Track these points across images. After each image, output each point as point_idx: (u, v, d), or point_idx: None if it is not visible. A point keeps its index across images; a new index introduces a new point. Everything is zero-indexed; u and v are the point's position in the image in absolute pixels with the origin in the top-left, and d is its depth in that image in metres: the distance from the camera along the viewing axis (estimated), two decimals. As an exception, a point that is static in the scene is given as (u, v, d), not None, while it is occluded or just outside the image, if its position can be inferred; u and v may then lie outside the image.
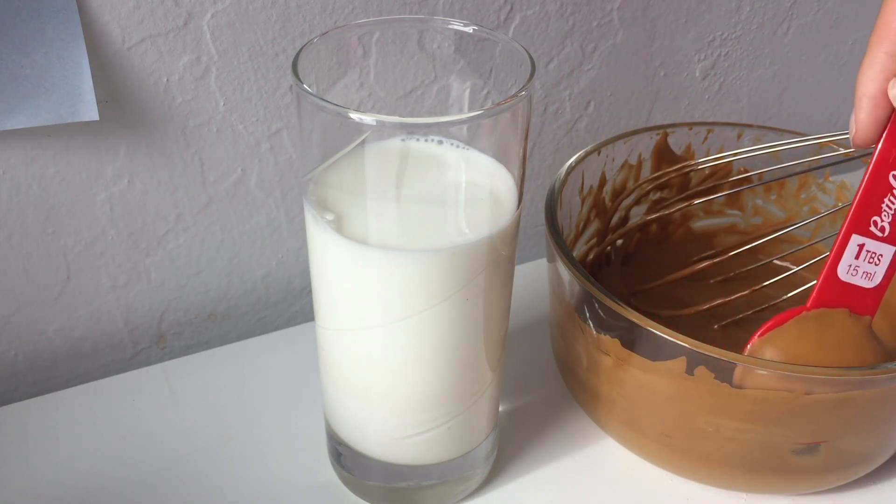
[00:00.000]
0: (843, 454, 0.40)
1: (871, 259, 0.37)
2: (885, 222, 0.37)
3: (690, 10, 0.57)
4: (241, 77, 0.46)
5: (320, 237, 0.34)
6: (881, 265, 0.37)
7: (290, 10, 0.45)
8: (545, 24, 0.52)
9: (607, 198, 0.51)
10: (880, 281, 0.37)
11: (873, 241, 0.37)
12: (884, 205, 0.36)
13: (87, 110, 0.42)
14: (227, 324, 0.54)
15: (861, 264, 0.37)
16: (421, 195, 0.35)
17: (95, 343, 0.51)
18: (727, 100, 0.63)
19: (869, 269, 0.37)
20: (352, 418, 0.39)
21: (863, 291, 0.38)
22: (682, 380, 0.38)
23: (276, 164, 0.49)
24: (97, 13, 0.41)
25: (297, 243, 0.53)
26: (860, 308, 0.38)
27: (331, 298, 0.36)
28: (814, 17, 0.62)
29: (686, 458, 0.41)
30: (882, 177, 0.36)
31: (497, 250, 0.35)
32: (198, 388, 0.48)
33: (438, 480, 0.41)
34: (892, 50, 0.34)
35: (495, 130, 0.34)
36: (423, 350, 0.36)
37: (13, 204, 0.44)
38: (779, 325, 0.39)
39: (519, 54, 0.34)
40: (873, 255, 0.37)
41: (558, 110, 0.56)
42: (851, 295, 0.38)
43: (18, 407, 0.46)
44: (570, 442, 0.45)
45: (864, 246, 0.37)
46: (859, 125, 0.35)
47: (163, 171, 0.47)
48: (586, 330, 0.41)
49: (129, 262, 0.49)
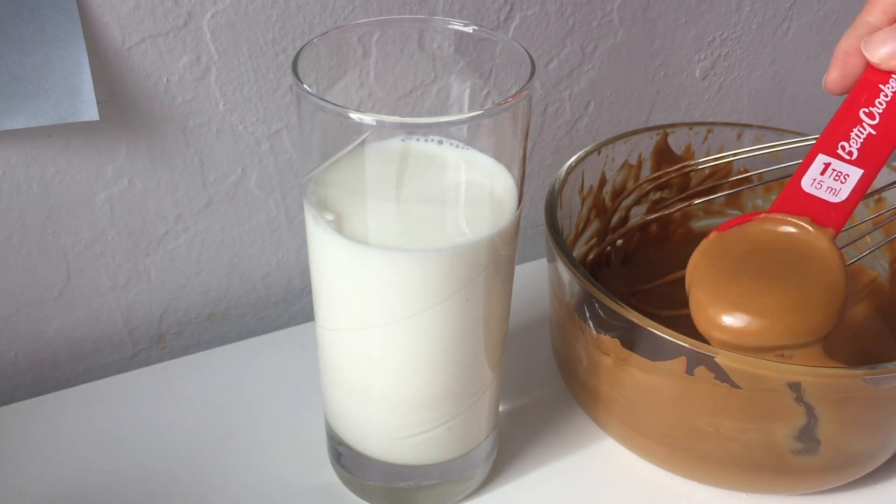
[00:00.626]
0: (843, 454, 0.40)
1: (836, 177, 0.37)
2: (852, 147, 0.37)
3: (690, 10, 0.57)
4: (241, 77, 0.46)
5: (320, 237, 0.34)
6: (847, 183, 0.37)
7: (290, 10, 0.45)
8: (545, 24, 0.52)
9: (607, 198, 0.51)
10: (846, 197, 0.37)
11: (840, 161, 0.37)
12: (852, 133, 0.38)
13: (87, 110, 0.42)
14: (227, 324, 0.54)
15: (826, 180, 0.37)
16: (421, 195, 0.35)
17: (95, 343, 0.51)
18: (727, 100, 0.63)
19: (834, 186, 0.37)
20: (352, 418, 0.40)
21: (827, 205, 0.37)
22: (682, 380, 0.38)
23: (276, 164, 0.49)
24: (97, 13, 0.41)
25: (297, 243, 0.53)
26: (824, 220, 0.38)
27: (331, 298, 0.36)
28: (814, 17, 0.62)
29: (686, 458, 0.41)
30: (853, 111, 0.38)
31: (497, 250, 0.35)
32: (198, 388, 0.48)
33: (438, 480, 0.41)
34: (875, 20, 0.37)
35: (495, 130, 0.34)
36: (423, 350, 0.36)
37: (13, 204, 0.44)
38: (739, 224, 0.39)
39: (519, 54, 0.34)
40: (839, 174, 0.37)
41: (558, 110, 0.56)
42: (815, 206, 0.38)
43: (18, 407, 0.46)
44: (570, 442, 0.45)
45: (830, 165, 0.38)
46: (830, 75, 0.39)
47: (163, 171, 0.47)
48: (586, 330, 0.41)
49: (129, 262, 0.49)
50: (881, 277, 0.50)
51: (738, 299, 0.37)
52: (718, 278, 0.38)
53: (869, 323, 0.49)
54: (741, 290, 0.37)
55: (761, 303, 0.37)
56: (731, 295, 0.37)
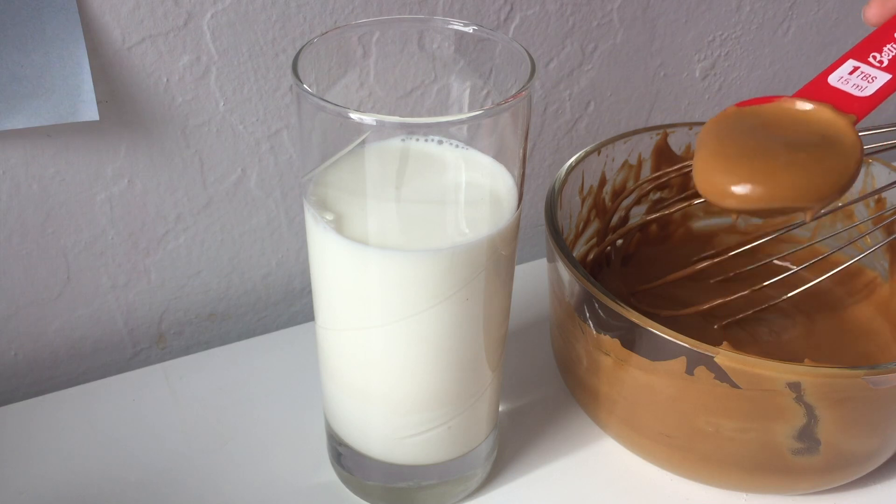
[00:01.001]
0: (843, 454, 0.40)
1: (863, 77, 0.37)
2: (883, 58, 0.37)
3: (690, 10, 0.57)
4: (241, 77, 0.46)
5: (320, 237, 0.34)
6: (873, 84, 0.37)
7: (290, 10, 0.45)
8: (545, 24, 0.52)
9: (607, 198, 0.51)
10: (872, 93, 0.37)
11: (869, 66, 0.37)
12: (885, 48, 0.38)
13: (87, 110, 0.42)
14: (227, 324, 0.54)
15: (853, 79, 0.37)
16: (421, 195, 0.35)
17: (95, 343, 0.51)
18: (727, 100, 0.63)
19: (860, 84, 0.37)
20: (352, 418, 0.40)
21: (851, 97, 0.37)
22: (682, 380, 0.38)
23: (276, 164, 0.49)
24: (97, 13, 0.41)
25: (297, 243, 0.53)
26: (846, 107, 0.37)
27: (331, 298, 0.36)
28: (814, 17, 0.62)
29: (686, 458, 0.41)
30: (889, 32, 0.38)
31: (497, 250, 0.35)
32: (198, 388, 0.48)
33: (438, 480, 0.41)
34: None
35: (495, 130, 0.34)
36: (423, 350, 0.36)
37: (13, 204, 0.44)
38: (760, 103, 0.38)
39: (519, 54, 0.34)
40: (867, 76, 0.37)
41: (558, 110, 0.56)
42: (839, 97, 0.37)
43: (18, 407, 0.46)
44: (570, 442, 0.45)
45: (858, 68, 0.37)
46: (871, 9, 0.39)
47: (163, 171, 0.47)
48: (586, 330, 0.41)
49: (129, 262, 0.49)
50: (881, 277, 0.50)
51: (741, 156, 0.35)
52: (724, 140, 0.36)
53: (869, 323, 0.49)
54: (744, 149, 0.35)
55: (764, 159, 0.35)
56: (733, 151, 0.35)
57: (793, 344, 0.48)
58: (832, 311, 0.50)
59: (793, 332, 0.48)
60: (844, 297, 0.51)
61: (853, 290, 0.51)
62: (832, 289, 0.51)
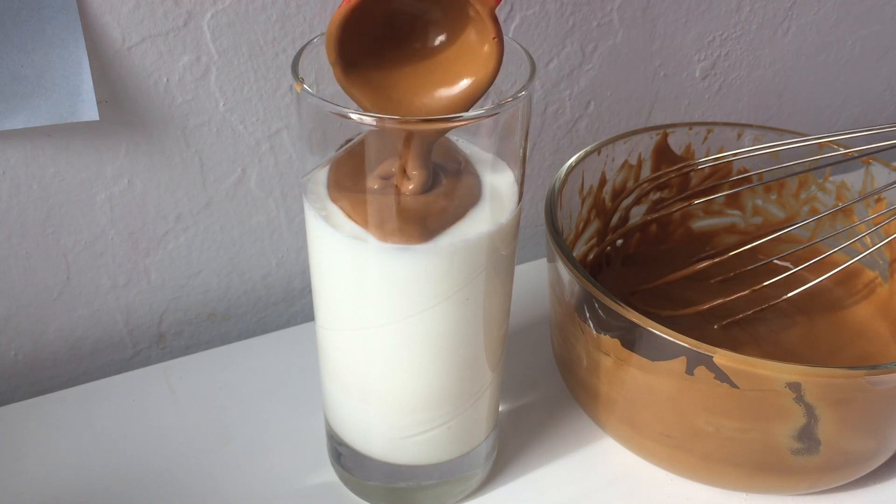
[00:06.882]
0: (842, 454, 0.40)
1: None
2: None
3: (690, 10, 0.57)
4: (241, 77, 0.46)
5: (320, 237, 0.34)
6: None
7: (290, 10, 0.45)
8: (545, 24, 0.52)
9: (607, 198, 0.51)
10: None
11: None
12: None
13: (87, 110, 0.42)
14: (227, 324, 0.54)
15: None
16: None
17: (95, 343, 0.51)
18: (727, 100, 0.63)
19: None
20: (352, 418, 0.40)
21: None
22: (682, 380, 0.38)
23: (276, 164, 0.49)
24: (97, 13, 0.41)
25: (297, 243, 0.53)
26: None
27: (331, 298, 0.36)
28: (814, 17, 0.62)
29: (686, 458, 0.41)
30: None
31: (497, 250, 0.35)
32: (198, 388, 0.48)
33: (438, 480, 0.41)
34: None
35: (495, 130, 0.33)
36: (424, 350, 0.36)
37: (13, 204, 0.44)
38: None
39: (519, 54, 0.34)
40: None
41: (558, 110, 0.56)
42: None
43: (18, 407, 0.46)
44: (570, 442, 0.45)
45: None
46: None
47: (163, 171, 0.47)
48: (586, 330, 0.41)
49: (129, 262, 0.49)
50: (881, 277, 0.50)
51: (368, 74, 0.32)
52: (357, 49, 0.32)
53: (869, 323, 0.49)
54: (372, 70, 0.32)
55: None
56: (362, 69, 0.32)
57: (792, 344, 0.48)
58: (832, 311, 0.50)
59: (792, 332, 0.48)
60: (844, 297, 0.51)
61: (853, 290, 0.51)
62: (832, 289, 0.51)
